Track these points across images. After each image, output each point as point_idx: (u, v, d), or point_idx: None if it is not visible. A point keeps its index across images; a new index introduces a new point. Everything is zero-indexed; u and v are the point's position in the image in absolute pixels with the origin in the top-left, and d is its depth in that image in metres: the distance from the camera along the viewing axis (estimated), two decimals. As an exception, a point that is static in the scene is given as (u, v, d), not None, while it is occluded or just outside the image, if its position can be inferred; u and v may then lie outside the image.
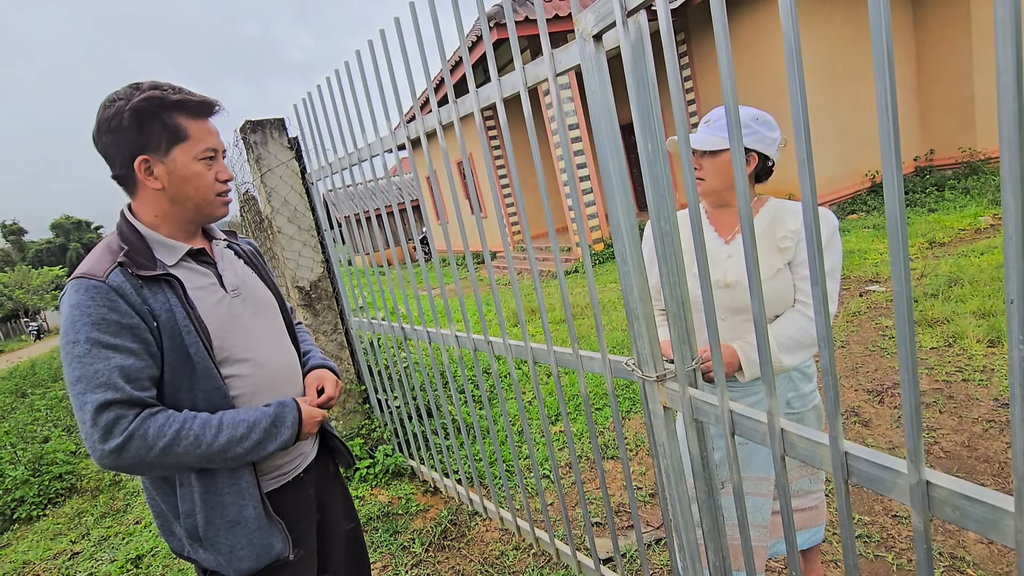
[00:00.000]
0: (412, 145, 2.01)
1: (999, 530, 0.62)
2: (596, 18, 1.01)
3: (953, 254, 4.93)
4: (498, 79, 1.45)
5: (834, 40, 7.62)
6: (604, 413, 3.37)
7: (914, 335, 0.66)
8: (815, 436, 0.82)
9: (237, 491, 1.09)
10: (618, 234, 1.13)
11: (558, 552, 2.05)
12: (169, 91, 1.04)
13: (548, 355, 1.62)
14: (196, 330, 1.04)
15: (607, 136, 1.09)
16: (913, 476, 0.69)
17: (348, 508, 1.44)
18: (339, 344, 3.12)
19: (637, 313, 1.14)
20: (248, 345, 1.14)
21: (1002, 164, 0.55)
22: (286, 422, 1.10)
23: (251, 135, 2.86)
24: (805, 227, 0.73)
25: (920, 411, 0.67)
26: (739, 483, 0.99)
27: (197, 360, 1.04)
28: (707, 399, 1.04)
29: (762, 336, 0.86)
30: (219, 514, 1.07)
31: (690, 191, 0.95)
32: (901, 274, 0.63)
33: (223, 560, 1.09)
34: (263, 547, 1.11)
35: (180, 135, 1.04)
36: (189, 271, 1.11)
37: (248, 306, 1.18)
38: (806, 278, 1.31)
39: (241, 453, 1.04)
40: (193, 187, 1.07)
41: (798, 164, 0.74)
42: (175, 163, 1.05)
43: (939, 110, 8.26)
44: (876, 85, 0.63)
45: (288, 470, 1.23)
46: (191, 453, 0.99)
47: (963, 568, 1.77)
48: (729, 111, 0.82)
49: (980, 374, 2.88)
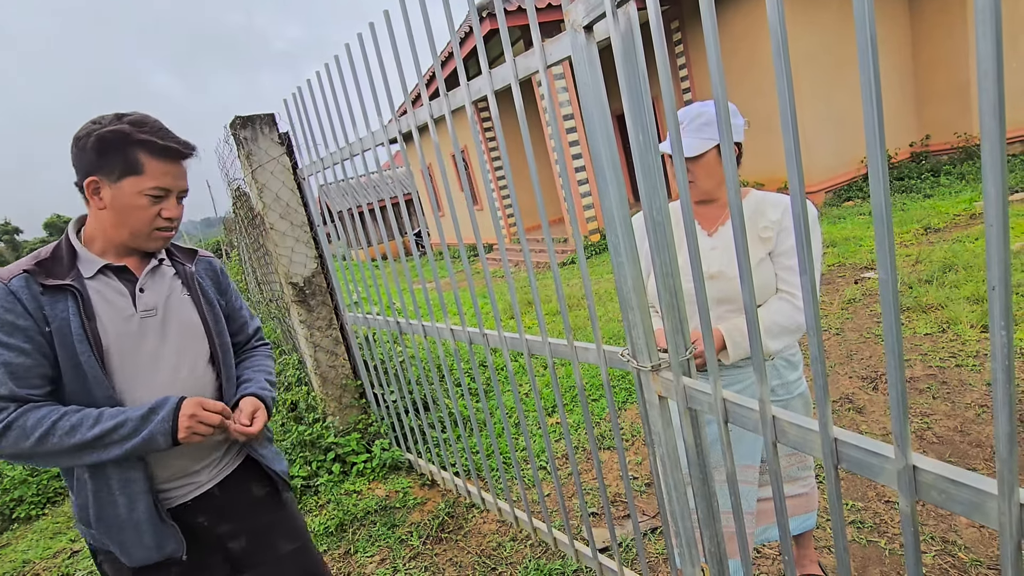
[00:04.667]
0: (404, 139, 2.00)
1: (983, 512, 0.64)
2: (586, 8, 1.01)
3: (948, 240, 4.94)
4: (489, 72, 1.45)
5: (829, 28, 7.60)
6: (599, 404, 3.39)
7: (899, 322, 0.67)
8: (806, 423, 0.83)
9: (128, 494, 1.15)
10: (611, 225, 1.14)
11: (556, 541, 2.08)
12: (140, 129, 1.12)
13: (543, 347, 1.63)
14: (88, 340, 1.10)
15: (599, 127, 1.10)
16: (900, 461, 0.70)
17: (290, 529, 1.45)
18: (334, 340, 3.12)
19: (632, 304, 1.15)
20: (143, 365, 1.19)
21: (983, 153, 0.55)
22: (160, 413, 1.12)
23: (241, 131, 2.84)
24: (793, 217, 0.74)
25: (906, 398, 0.68)
26: (732, 469, 1.00)
27: (87, 368, 1.10)
28: (701, 388, 1.06)
29: (753, 325, 0.87)
30: (110, 512, 1.15)
31: (683, 191, 0.95)
32: (887, 262, 0.64)
33: (116, 550, 1.18)
34: (154, 546, 1.17)
35: (135, 169, 1.12)
36: (105, 285, 1.18)
37: (161, 328, 1.23)
38: (788, 267, 1.35)
39: (117, 439, 1.08)
40: (133, 217, 1.15)
41: (785, 155, 0.74)
42: (122, 191, 1.13)
43: (935, 95, 8.24)
44: (860, 74, 0.63)
45: (184, 491, 1.27)
46: (67, 443, 1.05)
47: (954, 552, 1.79)
48: (720, 113, 0.82)
49: (973, 359, 2.90)
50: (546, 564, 2.08)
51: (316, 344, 3.08)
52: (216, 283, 1.40)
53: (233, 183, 4.17)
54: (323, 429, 3.11)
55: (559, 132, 1.30)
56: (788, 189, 0.72)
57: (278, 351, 4.99)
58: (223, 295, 1.42)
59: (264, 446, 1.40)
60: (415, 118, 1.84)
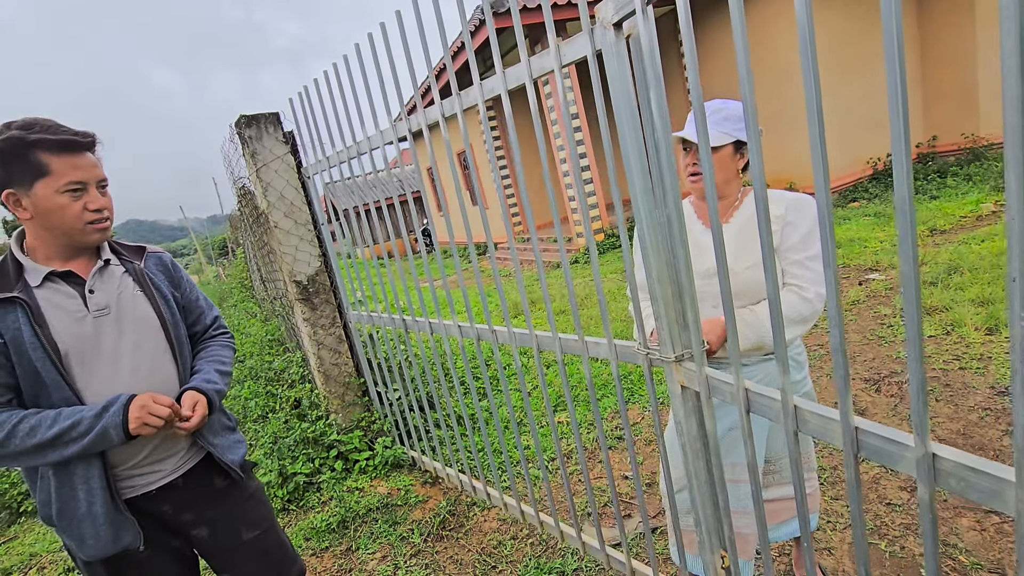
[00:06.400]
0: (414, 137, 2.01)
1: (1001, 500, 0.65)
2: (616, 6, 1.04)
3: (954, 241, 4.92)
4: (503, 71, 1.46)
5: (836, 27, 7.59)
6: (603, 403, 3.40)
7: (920, 313, 0.68)
8: (827, 412, 0.85)
9: (88, 489, 1.20)
10: (638, 217, 1.16)
11: (563, 535, 2.08)
12: (31, 131, 1.12)
13: (553, 342, 1.64)
14: (43, 347, 1.14)
15: (627, 122, 1.12)
16: (919, 449, 0.72)
17: (254, 518, 1.48)
18: (337, 338, 3.13)
19: (656, 295, 1.18)
20: (104, 363, 1.23)
21: (1006, 147, 0.56)
22: (111, 409, 1.17)
23: (246, 130, 2.86)
24: (819, 213, 0.75)
25: (926, 387, 0.69)
26: (753, 458, 1.02)
27: (45, 374, 1.15)
28: (723, 378, 1.09)
29: (776, 317, 0.88)
30: (71, 507, 1.21)
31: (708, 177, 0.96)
32: (909, 254, 0.65)
33: (75, 544, 1.23)
34: (111, 539, 1.22)
35: (41, 171, 1.13)
36: (54, 291, 1.21)
37: (116, 325, 1.26)
38: (794, 261, 1.36)
39: (75, 436, 1.14)
40: (57, 218, 1.17)
41: (811, 150, 0.76)
42: (37, 196, 1.15)
43: (942, 96, 8.18)
44: (887, 66, 0.64)
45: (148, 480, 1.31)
46: (28, 444, 1.12)
47: (955, 555, 1.80)
48: (747, 110, 0.83)
49: (977, 362, 2.90)
50: (546, 562, 2.09)
51: (319, 342, 3.09)
52: (169, 277, 1.43)
53: (238, 181, 4.18)
54: (326, 426, 3.12)
55: (569, 132, 1.33)
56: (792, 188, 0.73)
57: (282, 348, 5.00)
58: (177, 288, 1.45)
59: (219, 435, 1.42)
60: (425, 116, 1.85)
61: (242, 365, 4.92)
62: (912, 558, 1.83)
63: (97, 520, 1.21)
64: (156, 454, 1.31)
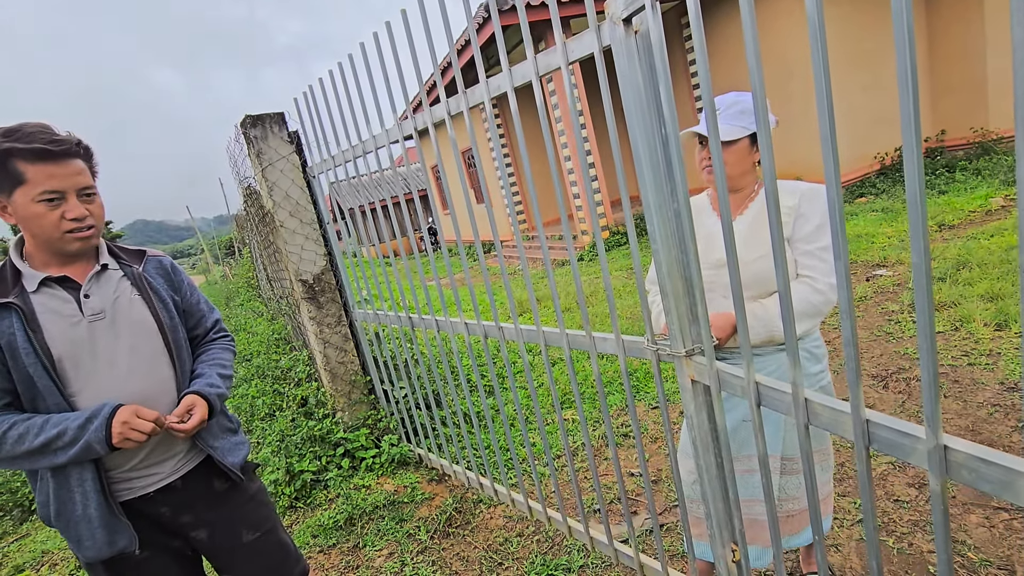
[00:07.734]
0: (419, 136, 2.02)
1: (1013, 491, 0.65)
2: (625, 2, 1.04)
3: (962, 237, 4.88)
4: (509, 69, 1.46)
5: (843, 22, 7.54)
6: (610, 401, 3.40)
7: (932, 304, 0.68)
8: (837, 405, 0.85)
9: (83, 492, 1.22)
10: (648, 213, 1.16)
11: (571, 530, 2.08)
12: (8, 139, 1.12)
13: (561, 338, 1.64)
14: (36, 352, 1.16)
15: (637, 117, 1.12)
16: (931, 441, 0.72)
17: (254, 520, 1.49)
18: (343, 336, 3.14)
19: (666, 290, 1.18)
20: (99, 367, 1.24)
21: (1017, 142, 0.56)
22: (95, 422, 1.17)
23: (251, 130, 2.87)
24: (829, 206, 0.75)
25: (937, 379, 0.69)
26: (765, 453, 1.02)
27: (37, 379, 1.17)
28: (734, 371, 1.09)
29: (787, 310, 0.88)
30: (68, 509, 1.22)
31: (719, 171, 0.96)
32: (920, 247, 0.65)
33: (73, 545, 1.25)
34: (106, 541, 1.23)
35: (18, 179, 1.13)
36: (50, 297, 1.22)
37: (112, 329, 1.27)
38: (806, 252, 1.35)
39: (61, 446, 1.15)
40: (36, 226, 1.18)
41: (822, 144, 0.76)
42: (16, 204, 1.16)
43: (951, 90, 8.12)
44: (897, 59, 0.64)
45: (146, 482, 1.32)
46: (18, 450, 1.14)
47: (964, 552, 1.79)
48: (758, 108, 0.83)
49: (986, 358, 2.88)
50: (552, 559, 2.09)
51: (326, 340, 3.10)
52: (168, 281, 1.43)
53: (244, 181, 4.20)
54: (332, 424, 3.14)
55: (578, 129, 1.33)
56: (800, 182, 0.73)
57: (288, 347, 5.02)
58: (177, 292, 1.45)
59: (219, 438, 1.42)
60: (431, 115, 1.85)
61: (249, 364, 4.94)
62: (920, 555, 1.82)
63: (93, 523, 1.22)
64: (153, 457, 1.31)
